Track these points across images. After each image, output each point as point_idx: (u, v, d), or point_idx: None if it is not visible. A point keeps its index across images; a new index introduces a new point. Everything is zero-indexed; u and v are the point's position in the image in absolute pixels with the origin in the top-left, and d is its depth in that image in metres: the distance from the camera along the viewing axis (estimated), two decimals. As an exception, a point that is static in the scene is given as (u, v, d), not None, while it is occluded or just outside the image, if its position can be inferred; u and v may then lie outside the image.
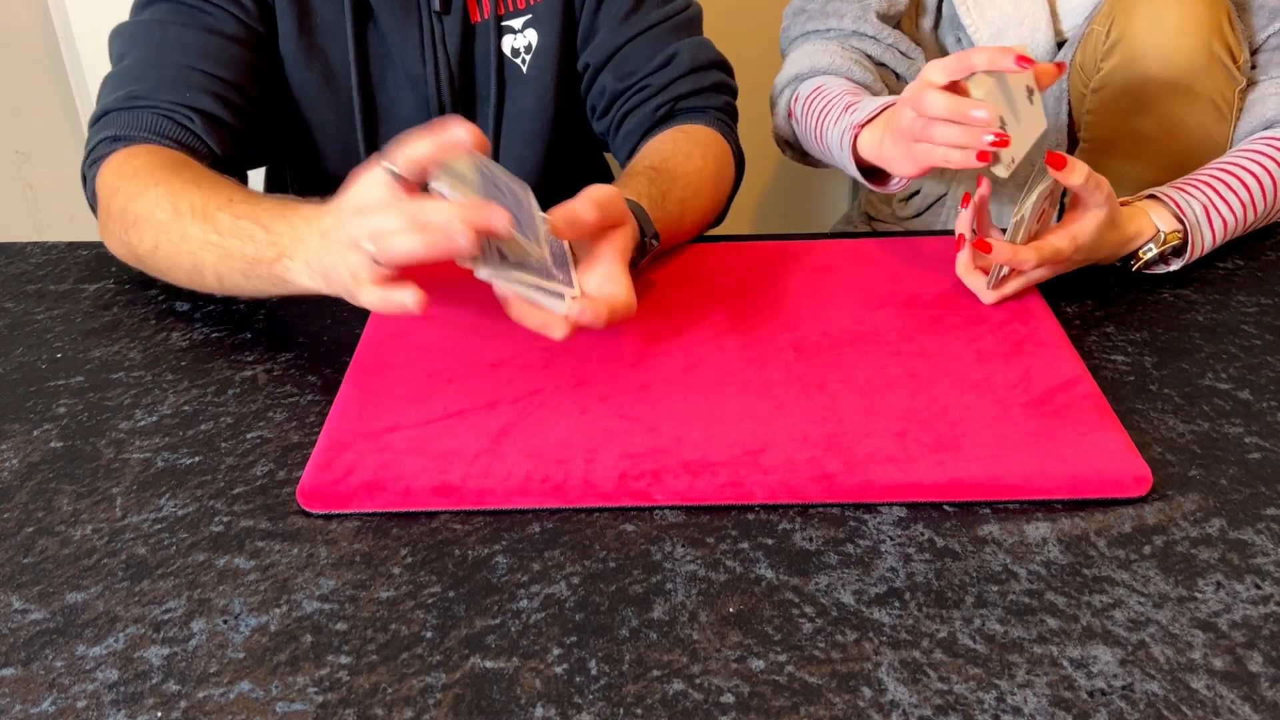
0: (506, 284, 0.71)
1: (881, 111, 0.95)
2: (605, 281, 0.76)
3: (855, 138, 0.97)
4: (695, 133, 1.01)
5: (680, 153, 0.96)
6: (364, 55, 1.03)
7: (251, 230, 0.78)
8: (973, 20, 1.16)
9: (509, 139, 1.09)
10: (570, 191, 0.79)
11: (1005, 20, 1.14)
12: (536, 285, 0.72)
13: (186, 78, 0.95)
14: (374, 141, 1.07)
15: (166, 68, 0.95)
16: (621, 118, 1.05)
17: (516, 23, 1.04)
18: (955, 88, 0.83)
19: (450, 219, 0.66)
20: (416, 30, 1.02)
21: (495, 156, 1.08)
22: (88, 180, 0.95)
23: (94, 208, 0.95)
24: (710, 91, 1.04)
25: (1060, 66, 0.85)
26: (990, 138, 0.80)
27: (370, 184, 0.70)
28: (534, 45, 1.04)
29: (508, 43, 1.04)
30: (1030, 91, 0.84)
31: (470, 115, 1.07)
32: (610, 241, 0.78)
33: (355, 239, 0.69)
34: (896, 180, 0.96)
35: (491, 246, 0.69)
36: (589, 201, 0.75)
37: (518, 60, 1.05)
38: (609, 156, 1.28)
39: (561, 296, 0.72)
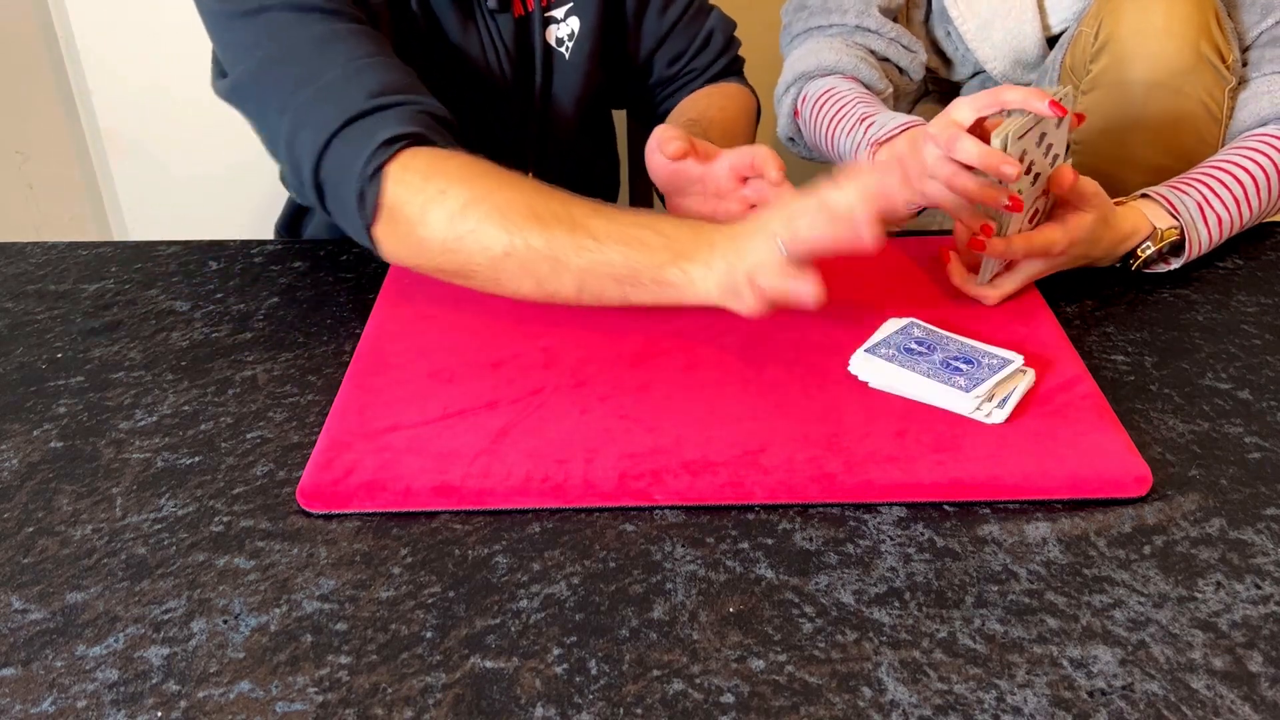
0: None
1: (901, 131, 0.95)
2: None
3: (873, 155, 0.97)
4: (724, 87, 1.13)
5: (715, 105, 1.08)
6: (433, 62, 1.01)
7: (640, 235, 0.78)
8: (960, 13, 1.15)
9: (551, 125, 1.10)
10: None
11: (993, 12, 1.14)
12: None
13: (402, 69, 0.87)
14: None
15: (378, 67, 0.86)
16: (668, 98, 1.16)
17: (559, 12, 1.06)
18: (979, 126, 0.83)
19: (855, 208, 0.71)
20: (476, 32, 1.03)
21: (538, 143, 1.11)
22: (365, 199, 0.81)
23: (369, 228, 0.83)
24: (736, 59, 1.18)
25: (1080, 118, 0.85)
26: (1006, 201, 0.80)
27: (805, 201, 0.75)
28: (575, 32, 1.07)
29: (552, 32, 1.06)
30: (1049, 146, 0.83)
31: (526, 107, 1.08)
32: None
33: (771, 230, 0.74)
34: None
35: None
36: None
37: (561, 49, 1.07)
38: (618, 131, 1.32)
39: None
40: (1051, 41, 1.16)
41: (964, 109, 0.82)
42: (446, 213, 0.79)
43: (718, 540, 0.66)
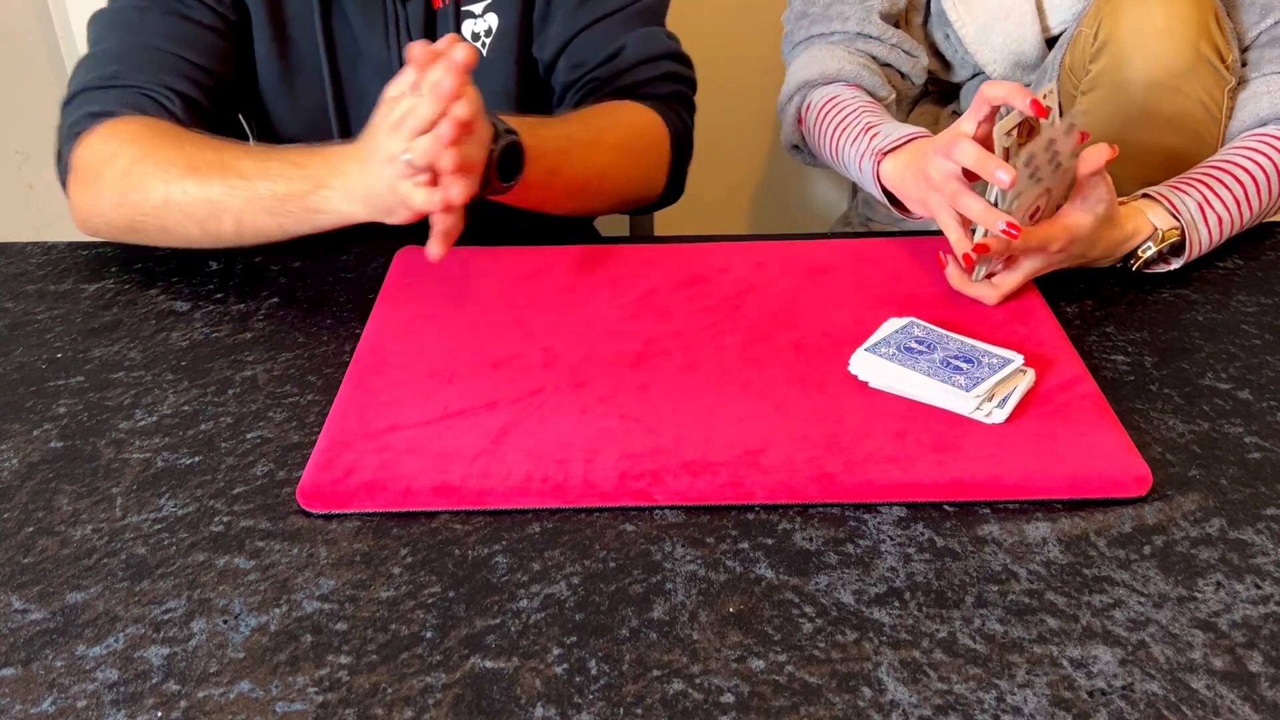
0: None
1: (907, 141, 0.95)
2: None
3: (878, 164, 0.96)
4: (618, 105, 1.02)
5: (587, 113, 1.00)
6: (332, 44, 1.04)
7: (282, 169, 0.84)
8: (959, 16, 1.15)
9: None
10: None
11: (991, 15, 1.14)
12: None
13: (164, 61, 0.97)
14: (348, 129, 1.07)
15: (146, 50, 0.97)
16: (574, 107, 1.06)
17: (477, 7, 1.04)
18: (986, 129, 0.83)
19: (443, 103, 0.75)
20: (381, 17, 1.03)
21: None
22: (62, 156, 0.95)
23: (64, 182, 0.96)
24: (657, 81, 1.05)
25: (1083, 135, 0.83)
26: (1002, 225, 0.80)
27: (394, 106, 0.78)
28: (494, 29, 1.05)
29: (468, 27, 1.05)
30: (1054, 153, 0.82)
31: None
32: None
33: (392, 154, 0.77)
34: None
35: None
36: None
37: (478, 44, 1.05)
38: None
39: None
40: (1051, 43, 1.16)
41: (968, 121, 0.83)
42: (117, 171, 0.89)
43: (718, 540, 0.66)
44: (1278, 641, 0.59)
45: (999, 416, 0.73)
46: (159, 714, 0.56)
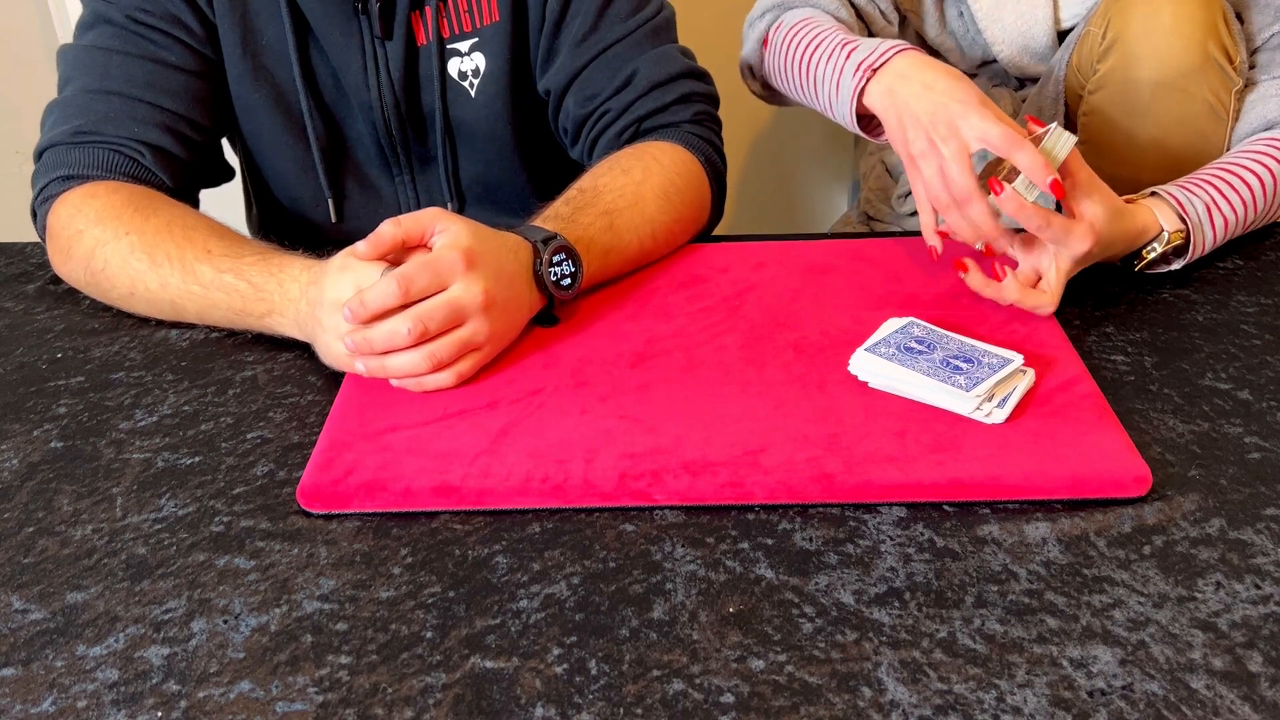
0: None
1: (895, 54, 0.91)
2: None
3: (866, 81, 0.92)
4: (645, 148, 0.97)
5: (618, 168, 0.93)
6: (311, 76, 1.01)
7: (236, 285, 0.84)
8: None
9: (467, 161, 1.07)
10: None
11: None
12: None
13: (133, 111, 0.94)
14: (334, 162, 1.05)
15: (112, 100, 0.94)
16: (591, 144, 1.03)
17: (463, 45, 1.01)
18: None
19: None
20: (359, 55, 0.99)
21: (454, 179, 1.07)
22: (38, 216, 0.95)
23: (43, 238, 0.96)
24: (676, 105, 1.00)
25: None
26: (1053, 172, 0.80)
27: (345, 280, 0.77)
28: (482, 70, 1.02)
29: (454, 65, 1.01)
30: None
31: (420, 139, 1.05)
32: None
33: (340, 334, 0.77)
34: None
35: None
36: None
37: (465, 84, 1.02)
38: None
39: None
40: (1062, 36, 1.15)
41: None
42: (83, 252, 0.90)
43: (718, 540, 0.66)
44: (1278, 641, 0.59)
45: (999, 416, 0.73)
46: (159, 714, 0.56)
